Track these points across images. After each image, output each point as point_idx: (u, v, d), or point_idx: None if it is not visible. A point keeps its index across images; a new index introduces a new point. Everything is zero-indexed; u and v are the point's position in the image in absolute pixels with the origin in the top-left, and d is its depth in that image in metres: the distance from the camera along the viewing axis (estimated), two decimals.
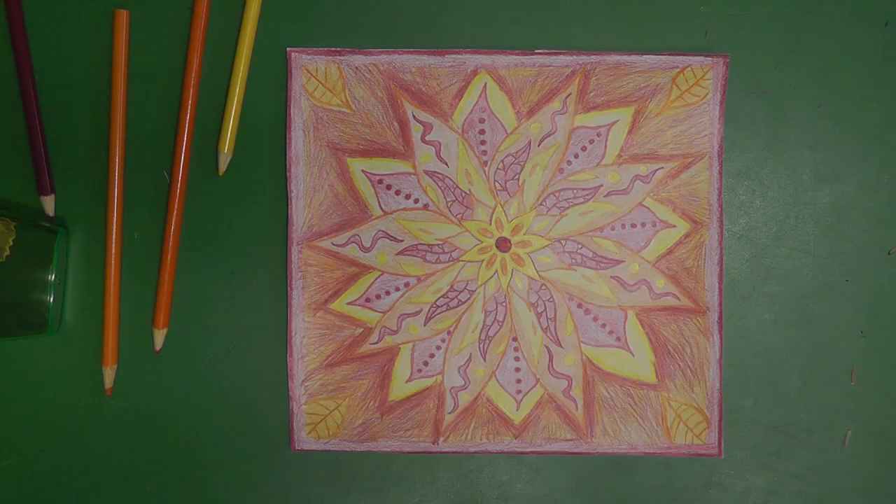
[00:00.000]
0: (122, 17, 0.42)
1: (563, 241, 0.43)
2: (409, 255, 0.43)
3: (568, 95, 0.43)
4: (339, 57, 0.43)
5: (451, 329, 0.43)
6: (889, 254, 0.44)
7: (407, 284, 0.43)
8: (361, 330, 0.43)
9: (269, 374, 0.43)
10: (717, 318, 0.43)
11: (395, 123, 0.43)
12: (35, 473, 0.43)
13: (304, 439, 0.43)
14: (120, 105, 0.42)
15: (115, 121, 0.42)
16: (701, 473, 0.44)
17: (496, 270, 0.43)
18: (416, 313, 0.43)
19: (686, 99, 0.43)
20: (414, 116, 0.43)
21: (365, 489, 0.44)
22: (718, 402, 0.43)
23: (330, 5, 0.43)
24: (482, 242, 0.43)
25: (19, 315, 0.40)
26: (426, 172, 0.43)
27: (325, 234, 0.43)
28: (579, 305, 0.43)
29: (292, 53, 0.43)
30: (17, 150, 0.43)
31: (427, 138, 0.43)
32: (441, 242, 0.43)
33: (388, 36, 0.43)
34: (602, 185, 0.43)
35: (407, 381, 0.43)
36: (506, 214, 0.43)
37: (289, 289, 0.43)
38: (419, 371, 0.43)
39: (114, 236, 0.42)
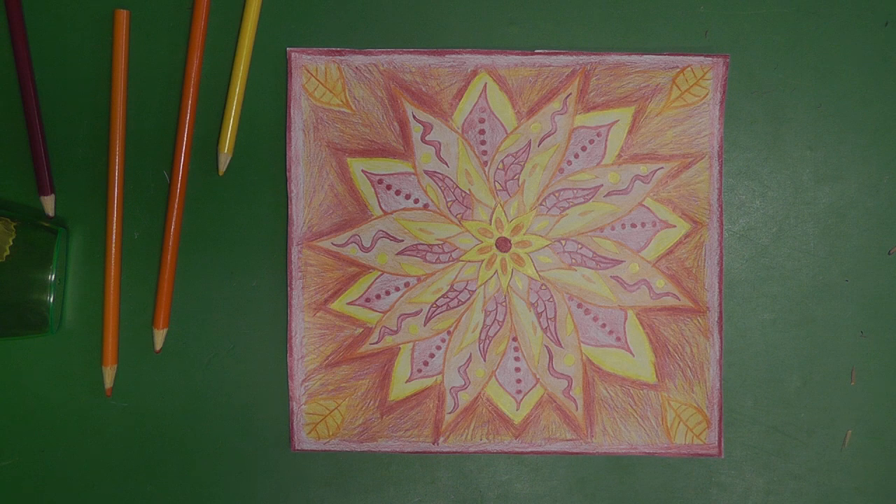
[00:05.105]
0: (122, 17, 0.42)
1: (563, 241, 0.43)
2: (409, 255, 0.43)
3: (568, 95, 0.43)
4: (339, 57, 0.43)
5: (451, 329, 0.43)
6: (889, 254, 0.44)
7: (407, 284, 0.43)
8: (361, 330, 0.43)
9: (269, 374, 0.43)
10: (717, 318, 0.43)
11: (395, 123, 0.43)
12: (35, 473, 0.43)
13: (304, 439, 0.43)
14: (120, 105, 0.42)
15: (115, 121, 0.42)
16: (701, 473, 0.44)
17: (496, 270, 0.43)
18: (416, 313, 0.43)
19: (686, 99, 0.43)
20: (414, 116, 0.43)
21: (365, 489, 0.44)
22: (718, 402, 0.43)
23: (330, 5, 0.43)
24: (482, 242, 0.43)
25: (19, 315, 0.40)
26: (426, 172, 0.43)
27: (325, 234, 0.43)
28: (579, 305, 0.43)
29: (292, 53, 0.43)
30: (17, 150, 0.43)
31: (427, 138, 0.43)
32: (441, 242, 0.43)
33: (388, 36, 0.43)
34: (602, 185, 0.43)
35: (407, 381, 0.43)
36: (506, 214, 0.43)
37: (289, 289, 0.43)
38: (419, 371, 0.43)
39: (114, 236, 0.42)
